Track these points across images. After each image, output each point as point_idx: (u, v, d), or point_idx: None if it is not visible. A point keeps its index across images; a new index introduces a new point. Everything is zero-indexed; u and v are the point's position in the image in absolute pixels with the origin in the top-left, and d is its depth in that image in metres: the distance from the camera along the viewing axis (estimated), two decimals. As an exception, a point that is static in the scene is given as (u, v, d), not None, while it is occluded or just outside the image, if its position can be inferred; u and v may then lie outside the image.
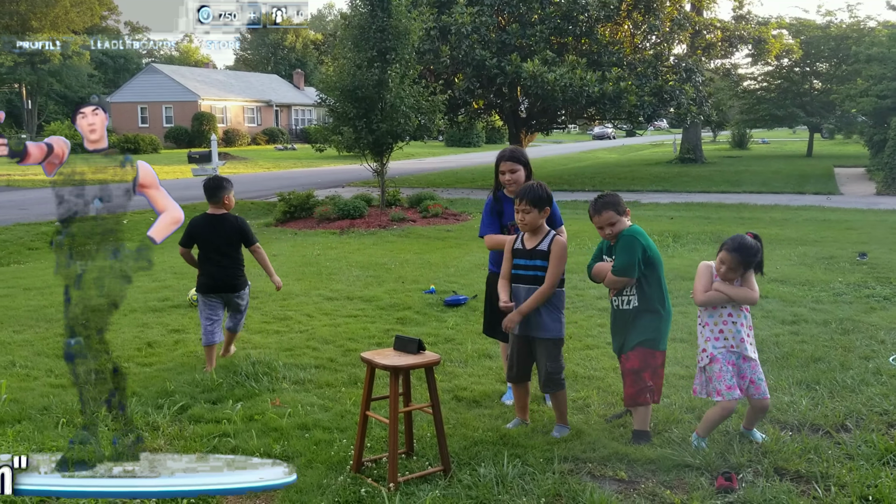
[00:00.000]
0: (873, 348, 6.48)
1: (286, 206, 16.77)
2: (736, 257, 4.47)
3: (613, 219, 4.67)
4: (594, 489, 3.96)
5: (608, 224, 4.69)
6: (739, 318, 4.58)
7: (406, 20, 15.85)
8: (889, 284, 9.17)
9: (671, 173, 30.49)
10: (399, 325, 7.50)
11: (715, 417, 4.54)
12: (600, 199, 4.74)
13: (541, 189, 4.72)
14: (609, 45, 24.86)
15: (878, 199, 21.16)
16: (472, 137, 57.75)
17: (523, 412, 5.00)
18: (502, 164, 5.31)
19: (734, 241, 4.53)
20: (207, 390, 5.64)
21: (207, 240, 6.26)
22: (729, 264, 4.51)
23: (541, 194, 4.69)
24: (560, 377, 4.78)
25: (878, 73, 28.57)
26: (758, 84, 43.87)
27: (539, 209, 4.68)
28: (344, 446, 4.54)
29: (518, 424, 4.94)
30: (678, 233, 13.92)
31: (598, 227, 4.76)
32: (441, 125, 18.47)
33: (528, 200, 4.67)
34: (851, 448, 4.45)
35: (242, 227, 6.33)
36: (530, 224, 4.71)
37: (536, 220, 4.71)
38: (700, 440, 4.54)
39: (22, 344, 6.97)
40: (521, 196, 4.71)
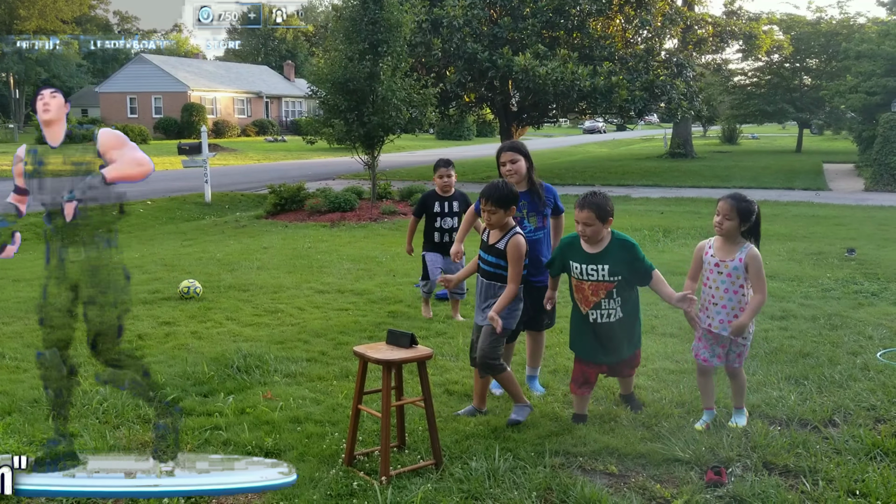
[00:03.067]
0: (861, 344, 6.53)
1: (277, 198, 16.75)
2: (731, 203, 4.59)
3: (591, 221, 4.62)
4: (585, 483, 3.99)
5: (584, 223, 4.65)
6: (709, 288, 4.76)
7: (398, 13, 15.82)
8: (877, 280, 9.24)
9: (661, 168, 30.58)
10: (390, 319, 7.50)
11: (697, 379, 4.93)
12: (588, 197, 4.69)
13: (505, 188, 4.69)
14: (601, 39, 24.90)
15: (867, 195, 21.30)
16: (463, 131, 57.75)
17: (479, 401, 5.03)
18: (503, 154, 5.34)
19: (736, 194, 4.69)
20: (199, 383, 5.63)
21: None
22: (725, 213, 4.60)
23: (505, 194, 4.66)
24: (494, 362, 4.77)
25: (868, 69, 28.72)
26: (748, 80, 44.04)
27: (504, 209, 4.66)
28: (336, 440, 4.55)
29: (471, 413, 4.97)
30: (668, 228, 13.98)
31: (575, 219, 4.72)
32: (433, 118, 18.46)
33: (492, 201, 4.65)
34: (839, 443, 4.49)
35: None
36: (496, 224, 4.72)
37: (501, 220, 4.70)
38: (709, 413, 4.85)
39: (11, 336, 6.94)
40: (486, 196, 4.67)
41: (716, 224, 4.70)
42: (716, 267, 4.71)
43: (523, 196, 5.24)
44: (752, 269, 4.63)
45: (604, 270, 4.66)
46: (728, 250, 4.69)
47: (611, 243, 4.69)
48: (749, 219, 4.63)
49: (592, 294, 4.73)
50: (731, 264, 4.65)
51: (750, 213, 4.62)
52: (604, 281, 4.67)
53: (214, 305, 8.13)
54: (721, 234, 4.70)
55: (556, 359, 6.22)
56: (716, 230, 4.73)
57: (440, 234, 7.40)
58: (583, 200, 4.68)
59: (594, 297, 4.73)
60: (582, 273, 4.72)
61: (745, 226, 4.64)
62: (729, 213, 4.61)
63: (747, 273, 4.64)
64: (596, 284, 4.68)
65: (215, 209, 18.47)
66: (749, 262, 4.63)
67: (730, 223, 4.62)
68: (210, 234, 14.50)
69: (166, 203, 18.69)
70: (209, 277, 9.48)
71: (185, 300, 8.31)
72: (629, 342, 4.88)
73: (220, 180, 22.59)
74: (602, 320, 4.75)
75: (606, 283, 4.67)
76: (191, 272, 9.83)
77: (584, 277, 4.71)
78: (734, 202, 4.61)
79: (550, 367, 6.04)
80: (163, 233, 14.86)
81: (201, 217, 17.58)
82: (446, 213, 7.38)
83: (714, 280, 4.72)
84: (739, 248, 4.67)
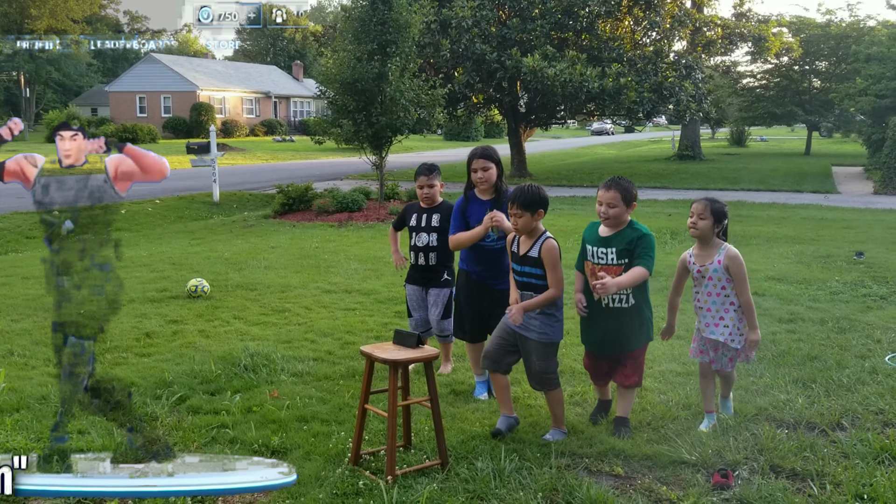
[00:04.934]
0: (869, 347, 6.50)
1: (284, 198, 16.77)
2: (705, 203, 4.77)
3: (615, 202, 4.64)
4: (591, 484, 3.98)
5: (608, 204, 4.66)
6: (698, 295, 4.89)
7: (407, 13, 15.83)
8: (885, 283, 9.20)
9: (669, 170, 30.52)
10: (397, 319, 7.51)
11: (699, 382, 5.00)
12: (615, 179, 4.75)
13: (531, 191, 4.53)
14: (609, 40, 24.87)
15: (876, 198, 21.20)
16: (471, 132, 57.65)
17: (506, 407, 4.79)
18: (474, 161, 5.28)
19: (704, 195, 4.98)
20: (206, 381, 5.64)
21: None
22: (699, 213, 4.75)
23: (531, 197, 4.50)
24: (551, 376, 4.64)
25: (878, 72, 28.59)
26: (757, 82, 43.90)
27: (532, 212, 4.51)
28: (342, 439, 4.56)
29: (510, 423, 4.74)
30: (676, 230, 13.92)
31: (598, 201, 4.73)
32: (441, 119, 18.47)
33: (518, 204, 4.49)
34: (847, 447, 4.47)
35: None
36: (523, 228, 4.56)
37: (529, 224, 4.54)
38: (709, 416, 4.87)
39: (20, 333, 6.98)
40: (512, 200, 4.53)
41: (690, 225, 4.82)
42: (698, 273, 4.84)
43: (491, 204, 5.22)
44: (734, 272, 4.73)
45: (612, 254, 4.68)
46: (706, 255, 4.81)
47: (625, 229, 4.71)
48: (722, 220, 4.79)
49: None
50: (711, 267, 4.77)
51: (723, 215, 4.80)
52: (612, 265, 4.68)
53: (222, 304, 8.15)
54: (696, 235, 4.83)
55: (562, 360, 6.17)
56: (690, 232, 4.85)
57: (415, 253, 5.83)
58: (609, 182, 4.73)
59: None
60: (594, 255, 4.76)
61: (718, 227, 4.79)
62: (703, 213, 4.76)
63: (729, 274, 4.74)
64: (606, 268, 4.69)
65: (223, 208, 18.51)
66: (729, 263, 4.73)
67: (704, 223, 4.75)
68: (218, 233, 14.54)
69: (175, 202, 18.74)
70: (217, 276, 9.50)
71: (193, 299, 8.33)
72: (637, 333, 4.80)
73: (229, 179, 22.63)
74: (613, 305, 4.75)
75: (615, 267, 4.68)
76: (199, 271, 9.85)
77: (596, 260, 4.74)
78: (708, 202, 4.79)
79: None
80: (171, 231, 14.90)
81: (209, 216, 17.62)
82: (422, 228, 5.78)
83: (700, 286, 4.87)
84: (717, 251, 4.78)
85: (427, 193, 5.80)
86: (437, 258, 5.72)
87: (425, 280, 5.83)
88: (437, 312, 5.81)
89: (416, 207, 5.92)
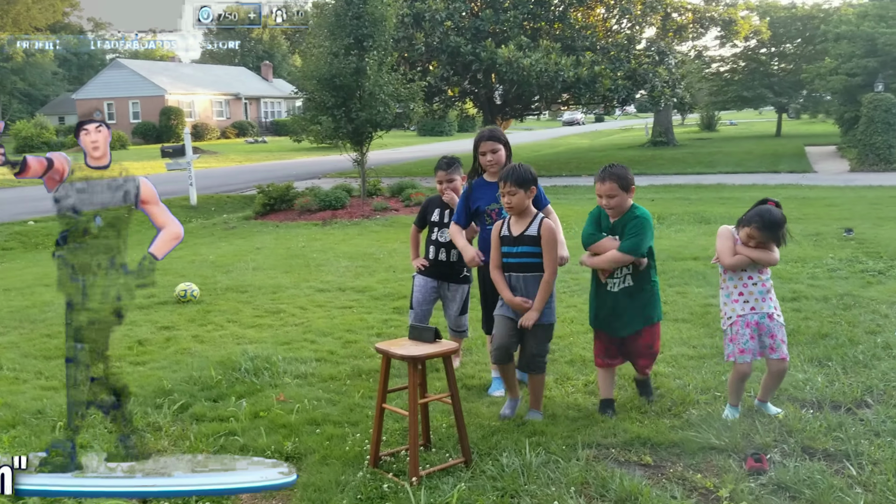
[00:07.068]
0: (878, 322, 6.45)
1: (266, 198, 16.52)
2: (767, 235, 4.45)
3: (614, 192, 4.60)
4: (623, 476, 3.85)
5: (607, 195, 4.62)
6: (760, 278, 4.59)
7: (382, 7, 15.62)
8: (880, 259, 9.18)
9: (645, 156, 30.56)
10: (397, 315, 7.34)
11: (733, 381, 4.61)
12: (608, 169, 4.67)
13: (523, 168, 4.60)
14: (582, 29, 24.81)
15: (853, 175, 21.36)
16: (445, 126, 57.51)
17: (513, 390, 4.82)
18: (482, 144, 5.15)
19: (763, 217, 4.46)
20: (207, 388, 5.43)
21: None
22: (759, 239, 4.47)
23: (524, 174, 4.55)
24: (542, 360, 4.71)
25: (847, 51, 28.82)
26: (726, 66, 44.15)
27: (525, 189, 4.54)
28: (358, 441, 4.39)
29: (514, 406, 4.78)
30: (661, 214, 13.89)
31: (598, 194, 4.69)
32: (420, 112, 18.29)
33: (512, 181, 4.52)
34: (876, 424, 4.38)
35: None
36: (517, 206, 4.57)
37: (523, 202, 4.57)
38: (733, 409, 4.59)
39: (7, 346, 6.71)
40: (505, 178, 4.55)
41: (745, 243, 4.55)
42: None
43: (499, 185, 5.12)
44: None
45: (616, 239, 4.66)
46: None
47: (626, 213, 4.66)
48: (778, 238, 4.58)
49: None
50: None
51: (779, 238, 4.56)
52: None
53: (213, 308, 7.93)
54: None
55: (571, 349, 6.09)
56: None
57: (436, 248, 5.65)
58: (602, 173, 4.64)
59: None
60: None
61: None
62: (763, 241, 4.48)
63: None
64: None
65: (202, 211, 18.18)
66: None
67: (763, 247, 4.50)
68: (199, 236, 14.24)
69: (151, 207, 18.36)
70: (205, 280, 9.26)
71: (183, 303, 8.10)
72: (644, 311, 4.75)
73: (204, 182, 22.25)
74: (618, 288, 4.71)
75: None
76: (185, 275, 9.60)
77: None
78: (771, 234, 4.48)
79: (567, 357, 5.91)
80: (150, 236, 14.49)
81: (188, 220, 17.27)
82: (445, 224, 5.60)
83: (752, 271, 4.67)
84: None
85: (447, 189, 5.61)
86: (459, 254, 5.46)
87: (444, 275, 5.66)
88: (455, 308, 5.68)
89: (437, 202, 5.71)
